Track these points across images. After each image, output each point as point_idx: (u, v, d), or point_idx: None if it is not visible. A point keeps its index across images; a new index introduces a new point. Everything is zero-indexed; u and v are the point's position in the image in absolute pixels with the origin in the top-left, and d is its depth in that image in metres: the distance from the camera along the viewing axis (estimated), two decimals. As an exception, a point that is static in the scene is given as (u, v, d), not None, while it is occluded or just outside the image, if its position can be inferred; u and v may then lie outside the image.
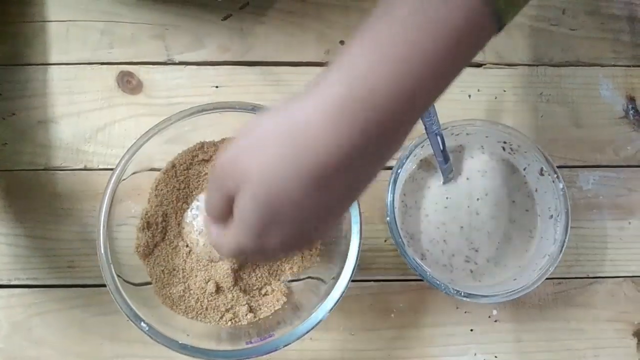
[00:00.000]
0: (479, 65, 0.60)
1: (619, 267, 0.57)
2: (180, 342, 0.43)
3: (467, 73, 0.60)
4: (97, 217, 0.46)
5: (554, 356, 0.55)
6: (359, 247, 0.46)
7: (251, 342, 0.44)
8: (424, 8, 0.29)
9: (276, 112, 0.31)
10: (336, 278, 0.46)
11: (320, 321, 0.44)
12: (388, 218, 0.50)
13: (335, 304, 0.44)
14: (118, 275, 0.45)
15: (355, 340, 0.54)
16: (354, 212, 0.46)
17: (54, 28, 0.58)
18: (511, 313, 0.55)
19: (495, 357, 0.54)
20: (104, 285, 0.52)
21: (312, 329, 0.44)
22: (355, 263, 0.45)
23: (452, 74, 0.32)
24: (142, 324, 0.44)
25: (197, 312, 0.48)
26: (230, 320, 0.48)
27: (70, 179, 0.55)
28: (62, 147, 0.56)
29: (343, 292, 0.45)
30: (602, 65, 0.62)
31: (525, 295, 0.51)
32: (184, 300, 0.48)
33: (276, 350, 0.44)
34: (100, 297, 0.53)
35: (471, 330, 0.55)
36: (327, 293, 0.45)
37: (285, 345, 0.44)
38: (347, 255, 0.46)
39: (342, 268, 0.46)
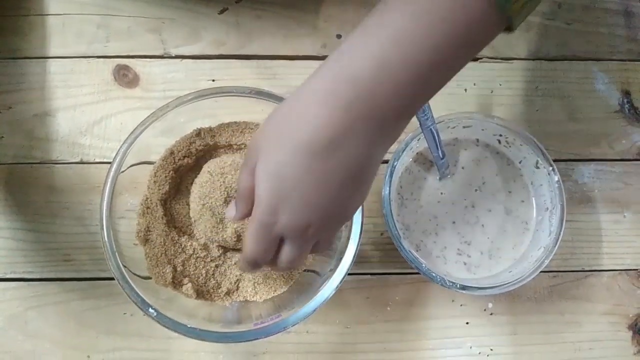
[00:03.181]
0: (475, 59, 0.60)
1: (614, 260, 0.57)
2: (188, 325, 0.44)
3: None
4: (100, 206, 0.46)
5: (549, 349, 0.55)
6: (359, 240, 0.46)
7: (260, 323, 0.45)
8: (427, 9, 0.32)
9: (286, 99, 0.35)
10: (333, 269, 0.46)
11: (328, 298, 0.45)
12: (384, 210, 0.50)
13: (341, 280, 0.46)
14: (124, 265, 0.45)
15: (351, 333, 0.54)
16: (356, 214, 0.46)
17: (50, 21, 0.58)
18: (507, 306, 0.55)
19: (491, 349, 0.55)
20: (100, 279, 0.53)
21: (323, 302, 0.45)
22: (354, 254, 0.46)
23: (453, 69, 0.35)
24: (150, 309, 0.44)
25: (200, 292, 0.49)
26: (234, 297, 0.49)
27: (67, 172, 0.55)
28: (58, 141, 0.56)
29: (351, 262, 0.46)
30: (597, 60, 0.62)
31: (520, 288, 0.51)
32: (187, 276, 0.48)
33: (285, 329, 0.44)
34: (96, 290, 0.53)
35: (467, 323, 0.55)
36: (327, 279, 0.46)
37: (294, 324, 0.44)
38: (345, 249, 0.47)
39: (339, 260, 0.46)
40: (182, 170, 0.51)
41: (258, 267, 0.39)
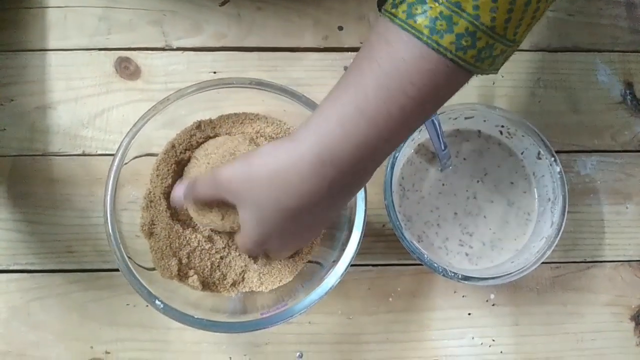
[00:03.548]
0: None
1: (616, 251, 0.57)
2: (195, 316, 0.44)
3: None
4: (104, 199, 0.46)
5: (551, 340, 0.55)
6: (362, 231, 0.46)
7: (266, 313, 0.45)
8: (388, 83, 0.33)
9: (268, 155, 0.38)
10: (336, 261, 0.46)
11: (334, 286, 0.46)
12: (386, 201, 0.50)
13: (346, 269, 0.46)
14: (128, 257, 0.45)
15: (353, 324, 0.54)
16: (359, 202, 0.47)
17: (51, 14, 0.58)
18: (509, 297, 0.55)
19: (493, 340, 0.55)
20: (103, 270, 0.53)
21: (329, 290, 0.46)
22: (357, 245, 0.46)
23: (413, 128, 0.38)
24: (157, 301, 0.44)
25: (206, 283, 0.49)
26: (239, 287, 0.50)
27: (69, 164, 0.55)
28: (60, 133, 0.56)
29: (354, 253, 0.47)
30: (599, 51, 0.62)
31: (522, 279, 0.51)
32: (192, 269, 0.49)
33: (291, 318, 0.45)
34: (99, 281, 0.53)
35: (469, 314, 0.55)
36: (330, 269, 0.46)
37: (300, 313, 0.45)
38: (347, 240, 0.47)
39: (342, 251, 0.47)
40: (184, 163, 0.51)
41: None
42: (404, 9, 0.33)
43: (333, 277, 0.46)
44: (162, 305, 0.44)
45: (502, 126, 0.55)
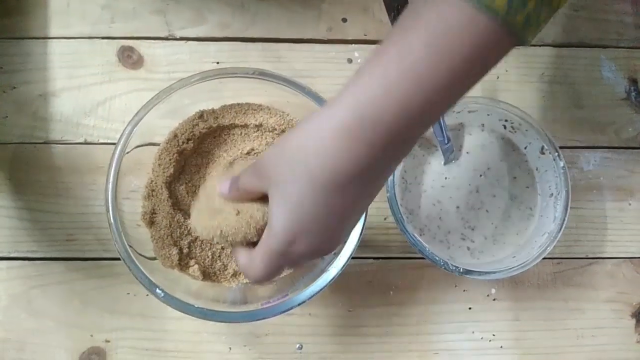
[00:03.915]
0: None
1: (618, 248, 0.57)
2: (196, 305, 0.44)
3: (469, 52, 0.60)
4: (105, 188, 0.46)
5: (551, 335, 0.55)
6: (363, 223, 0.46)
7: (267, 303, 0.45)
8: (437, 42, 0.31)
9: (301, 125, 0.34)
10: (337, 253, 0.46)
11: (335, 277, 0.45)
12: (388, 194, 0.50)
13: (348, 259, 0.46)
14: (129, 246, 0.45)
15: (354, 316, 0.54)
16: None
17: (55, 2, 0.58)
18: (510, 292, 0.55)
19: (493, 335, 0.55)
20: (104, 259, 0.53)
21: (330, 282, 0.45)
22: (359, 237, 0.46)
23: (458, 95, 0.34)
24: (157, 290, 0.44)
25: (207, 273, 0.49)
26: (240, 278, 0.50)
27: (71, 152, 0.55)
28: (62, 121, 0.56)
29: (356, 245, 0.46)
30: (604, 47, 0.61)
31: (524, 275, 0.51)
32: (193, 258, 0.49)
33: (292, 308, 0.44)
34: (99, 270, 0.53)
35: (469, 308, 0.55)
36: (331, 261, 0.46)
37: (301, 303, 0.45)
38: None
39: (344, 243, 0.46)
40: (186, 152, 0.51)
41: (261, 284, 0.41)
42: None
43: (334, 269, 0.46)
44: (162, 294, 0.44)
45: (506, 120, 0.54)
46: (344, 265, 0.46)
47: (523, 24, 0.31)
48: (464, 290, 0.55)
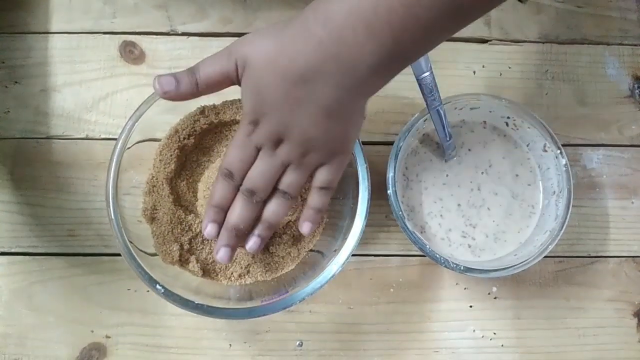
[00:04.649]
0: (484, 41, 0.60)
1: (620, 246, 0.57)
2: (196, 302, 0.44)
3: (472, 49, 0.60)
4: (106, 184, 0.46)
5: (553, 334, 0.55)
6: (364, 219, 0.46)
7: (268, 300, 0.45)
8: None
9: (276, 25, 0.38)
10: (338, 250, 0.46)
11: (335, 274, 0.46)
12: (389, 191, 0.50)
13: (348, 256, 0.46)
14: (130, 242, 0.45)
15: (354, 314, 0.54)
16: (362, 191, 0.47)
17: (57, -3, 0.58)
18: (511, 290, 0.55)
19: (494, 333, 0.54)
20: (105, 254, 0.53)
21: (331, 278, 0.45)
22: (360, 233, 0.46)
23: (433, 29, 0.34)
24: (158, 286, 0.44)
25: (207, 270, 0.49)
26: (244, 280, 0.50)
27: (72, 147, 0.55)
28: (64, 116, 0.56)
29: (357, 240, 0.46)
30: (608, 44, 0.61)
31: (525, 273, 0.51)
32: (192, 254, 0.49)
33: (292, 305, 0.45)
34: (100, 265, 0.53)
35: (470, 306, 0.55)
36: (332, 258, 0.46)
37: (301, 300, 0.45)
38: (350, 228, 0.47)
39: (344, 240, 0.47)
40: (187, 148, 0.51)
41: (231, 178, 0.42)
42: None
43: (334, 265, 0.46)
44: (163, 290, 0.44)
45: (508, 117, 0.54)
46: (344, 262, 0.46)
47: None
48: (464, 288, 0.55)
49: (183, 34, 0.58)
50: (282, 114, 0.39)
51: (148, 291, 0.53)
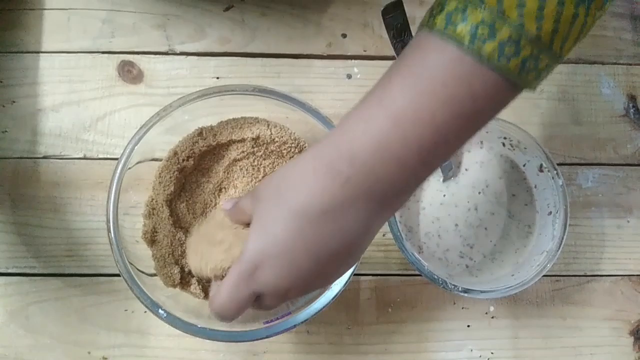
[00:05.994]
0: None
1: (616, 265, 0.57)
2: (199, 325, 0.44)
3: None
4: (107, 205, 0.46)
5: (550, 353, 0.55)
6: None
7: (269, 321, 0.45)
8: (415, 83, 0.31)
9: (293, 160, 0.36)
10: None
11: (337, 294, 0.45)
12: (387, 212, 0.50)
13: (350, 277, 0.46)
14: (130, 263, 0.45)
15: (352, 334, 0.54)
16: None
17: (55, 16, 0.58)
18: (508, 310, 0.55)
19: (492, 353, 0.54)
20: (102, 275, 0.53)
21: (333, 299, 0.45)
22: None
23: (450, 143, 0.33)
24: (160, 310, 0.44)
25: (209, 293, 0.49)
26: None
27: (70, 167, 0.55)
28: (61, 136, 0.55)
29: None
30: (603, 63, 0.62)
31: (522, 292, 0.51)
32: (193, 275, 0.48)
33: (294, 327, 0.44)
34: (97, 286, 0.53)
35: (468, 326, 0.55)
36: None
37: (304, 321, 0.45)
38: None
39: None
40: (186, 170, 0.51)
41: (226, 321, 0.38)
42: (442, 18, 0.31)
43: (337, 286, 0.45)
44: (165, 315, 0.44)
45: (505, 138, 0.54)
46: (346, 282, 0.46)
47: (519, 70, 0.30)
48: (462, 308, 0.55)
49: (181, 53, 0.58)
50: (297, 260, 0.34)
51: (145, 312, 0.52)
